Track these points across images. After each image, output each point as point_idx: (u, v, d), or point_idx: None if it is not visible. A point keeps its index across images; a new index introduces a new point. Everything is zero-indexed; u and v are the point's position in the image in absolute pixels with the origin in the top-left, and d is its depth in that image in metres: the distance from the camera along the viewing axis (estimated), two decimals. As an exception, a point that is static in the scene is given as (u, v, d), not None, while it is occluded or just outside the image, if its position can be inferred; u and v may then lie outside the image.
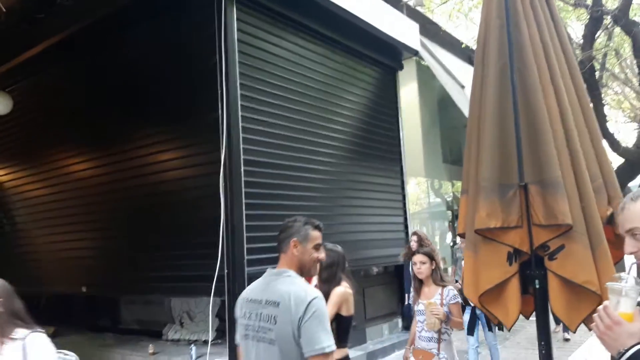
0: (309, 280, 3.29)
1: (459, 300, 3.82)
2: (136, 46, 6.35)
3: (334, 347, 2.10)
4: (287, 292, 2.15)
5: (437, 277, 3.88)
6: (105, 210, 6.61)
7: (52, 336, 7.83)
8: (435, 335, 3.71)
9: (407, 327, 7.94)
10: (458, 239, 7.58)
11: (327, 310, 2.19)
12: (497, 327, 5.29)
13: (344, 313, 3.31)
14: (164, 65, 5.99)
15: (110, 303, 8.13)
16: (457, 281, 6.58)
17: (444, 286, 3.84)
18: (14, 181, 8.35)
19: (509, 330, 2.81)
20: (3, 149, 8.52)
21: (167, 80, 5.94)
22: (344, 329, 3.31)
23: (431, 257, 3.88)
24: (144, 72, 6.21)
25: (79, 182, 7.10)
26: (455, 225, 11.79)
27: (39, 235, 7.74)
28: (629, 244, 1.50)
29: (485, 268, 2.70)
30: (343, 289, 3.35)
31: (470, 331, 5.56)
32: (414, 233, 6.89)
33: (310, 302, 2.08)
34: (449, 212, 12.12)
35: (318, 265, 2.40)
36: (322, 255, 2.37)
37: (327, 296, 3.21)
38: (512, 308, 2.65)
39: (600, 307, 1.44)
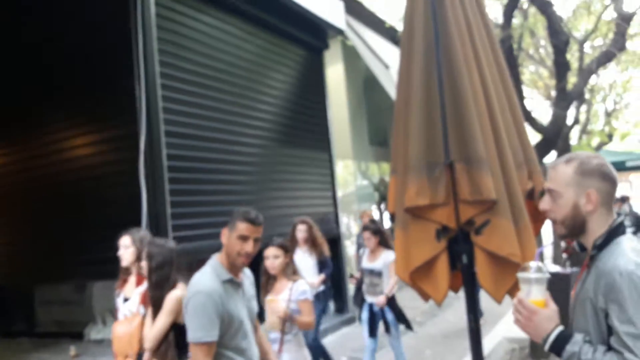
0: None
1: (309, 296, 3.43)
2: (48, 21, 5.88)
3: (201, 339, 2.20)
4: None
5: (289, 271, 3.49)
6: (18, 200, 6.16)
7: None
8: (279, 336, 3.31)
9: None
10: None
11: (200, 302, 2.22)
12: (398, 327, 4.97)
13: (182, 321, 2.62)
14: (77, 44, 5.60)
15: (24, 304, 7.58)
16: (351, 275, 6.20)
17: (294, 281, 3.45)
18: None
19: (439, 306, 2.87)
20: None
21: (81, 59, 5.56)
22: (184, 340, 2.49)
23: (285, 249, 3.51)
24: (56, 50, 5.78)
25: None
26: (382, 206, 12.05)
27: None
28: (545, 200, 1.59)
29: (416, 245, 2.74)
30: (179, 293, 2.82)
31: (371, 332, 4.97)
32: (302, 221, 5.52)
33: (190, 295, 2.26)
34: (376, 194, 12.33)
35: (242, 260, 2.32)
36: (248, 248, 2.31)
37: (160, 303, 2.83)
38: (442, 283, 2.71)
39: (515, 300, 1.52)
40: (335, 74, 9.79)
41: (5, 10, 5.96)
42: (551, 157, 6.21)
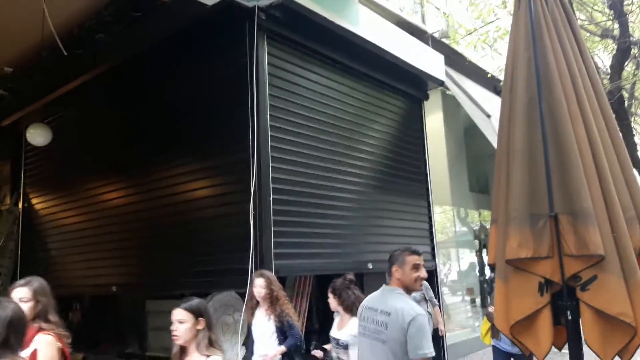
0: None
1: None
2: (170, 81, 6.58)
3: (433, 352, 2.78)
4: (397, 306, 2.88)
5: (204, 344, 2.67)
6: (137, 237, 6.79)
7: (82, 363, 7.82)
8: None
9: None
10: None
11: (426, 322, 2.84)
12: None
13: None
14: (197, 100, 6.19)
15: (138, 330, 8.24)
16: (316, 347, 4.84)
17: (207, 357, 2.63)
18: (49, 209, 8.62)
19: (542, 362, 2.78)
20: (41, 178, 8.85)
21: (200, 113, 6.14)
22: None
23: (198, 313, 2.70)
24: (177, 106, 6.43)
25: (113, 211, 7.31)
26: (483, 254, 11.63)
27: (73, 262, 7.95)
28: None
29: (517, 298, 2.69)
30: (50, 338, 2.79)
31: None
32: (260, 274, 4.55)
33: (414, 317, 2.79)
34: (476, 242, 11.97)
35: (420, 284, 3.07)
36: (422, 273, 3.01)
37: None
38: (544, 339, 2.63)
39: None
40: (435, 122, 9.84)
41: (152, 73, 6.82)
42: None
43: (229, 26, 5.71)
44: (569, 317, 2.62)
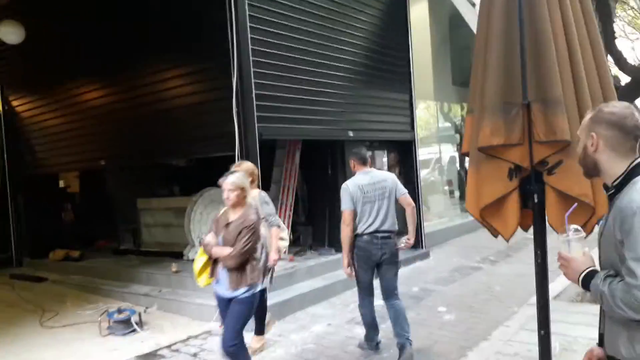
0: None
1: None
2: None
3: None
4: (387, 175, 4.52)
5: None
6: (123, 118, 6.96)
7: (79, 259, 8.42)
8: None
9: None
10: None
11: None
12: None
13: None
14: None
15: (131, 227, 8.55)
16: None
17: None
18: (31, 108, 8.53)
19: (507, 242, 2.99)
20: (19, 77, 8.65)
21: (181, 14, 5.99)
22: None
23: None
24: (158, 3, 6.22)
25: (93, 110, 7.28)
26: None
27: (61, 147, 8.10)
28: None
29: (487, 183, 2.84)
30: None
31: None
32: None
33: (394, 179, 4.43)
34: (457, 135, 12.14)
35: None
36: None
37: None
38: (511, 221, 2.82)
39: (557, 255, 1.81)
40: (419, 12, 9.55)
41: None
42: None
43: None
44: (536, 200, 2.78)
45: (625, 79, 7.83)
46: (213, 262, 3.58)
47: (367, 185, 4.32)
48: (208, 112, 5.84)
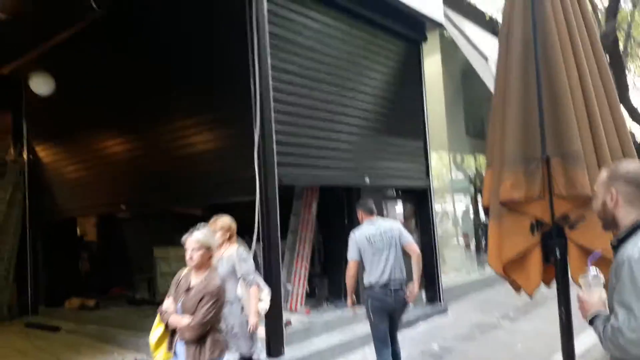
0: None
1: None
2: (172, 31, 6.61)
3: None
4: (392, 223, 4.58)
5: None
6: (143, 164, 7.11)
7: (95, 308, 8.39)
8: None
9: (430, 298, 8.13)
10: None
11: None
12: None
13: None
14: (198, 50, 6.25)
15: (147, 276, 8.56)
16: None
17: None
18: (54, 156, 8.75)
19: (531, 298, 2.95)
20: (44, 127, 8.93)
21: (199, 56, 6.19)
22: None
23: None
24: (180, 56, 6.52)
25: (114, 157, 7.47)
26: (478, 200, 11.80)
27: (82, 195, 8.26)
28: (594, 200, 1.94)
29: (509, 237, 2.83)
30: None
31: None
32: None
33: (399, 227, 4.51)
34: (472, 187, 12.10)
35: None
36: None
37: None
38: (534, 276, 2.80)
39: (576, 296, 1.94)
40: (432, 65, 9.77)
41: (135, 15, 6.76)
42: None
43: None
44: (558, 255, 2.77)
45: (638, 131, 7.86)
46: (171, 332, 3.12)
47: (375, 235, 4.39)
48: (227, 157, 5.96)
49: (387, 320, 4.35)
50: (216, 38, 6.04)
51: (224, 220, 4.23)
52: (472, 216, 11.91)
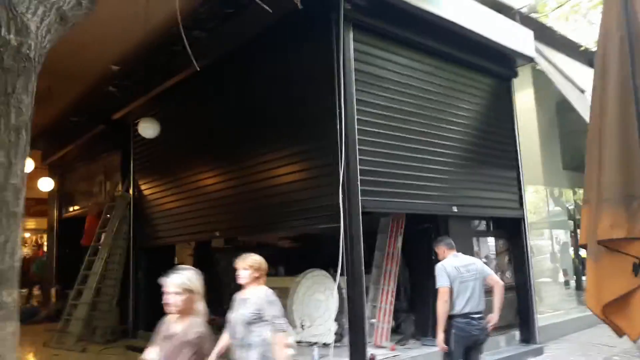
0: None
1: None
2: (261, 74, 7.04)
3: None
4: (473, 259, 4.92)
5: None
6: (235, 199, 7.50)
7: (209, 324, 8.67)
8: None
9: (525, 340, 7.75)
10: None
11: None
12: None
13: None
14: (287, 89, 6.58)
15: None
16: None
17: None
18: (155, 193, 9.45)
19: (635, 342, 2.78)
20: (147, 166, 9.73)
21: (289, 103, 6.50)
22: None
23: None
24: (270, 96, 6.89)
25: (210, 190, 7.95)
26: (578, 235, 11.14)
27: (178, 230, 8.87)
28: None
29: (609, 279, 2.72)
30: None
31: None
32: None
33: (480, 262, 4.86)
34: (571, 222, 11.48)
35: None
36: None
37: None
38: (638, 319, 2.64)
39: None
40: (525, 99, 9.52)
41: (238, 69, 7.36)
42: None
43: (315, 18, 5.95)
44: (665, 298, 2.61)
45: None
46: None
47: (461, 266, 4.65)
48: (312, 187, 6.16)
49: (464, 354, 4.46)
50: (305, 76, 6.34)
51: (255, 259, 3.87)
52: (571, 252, 11.25)
